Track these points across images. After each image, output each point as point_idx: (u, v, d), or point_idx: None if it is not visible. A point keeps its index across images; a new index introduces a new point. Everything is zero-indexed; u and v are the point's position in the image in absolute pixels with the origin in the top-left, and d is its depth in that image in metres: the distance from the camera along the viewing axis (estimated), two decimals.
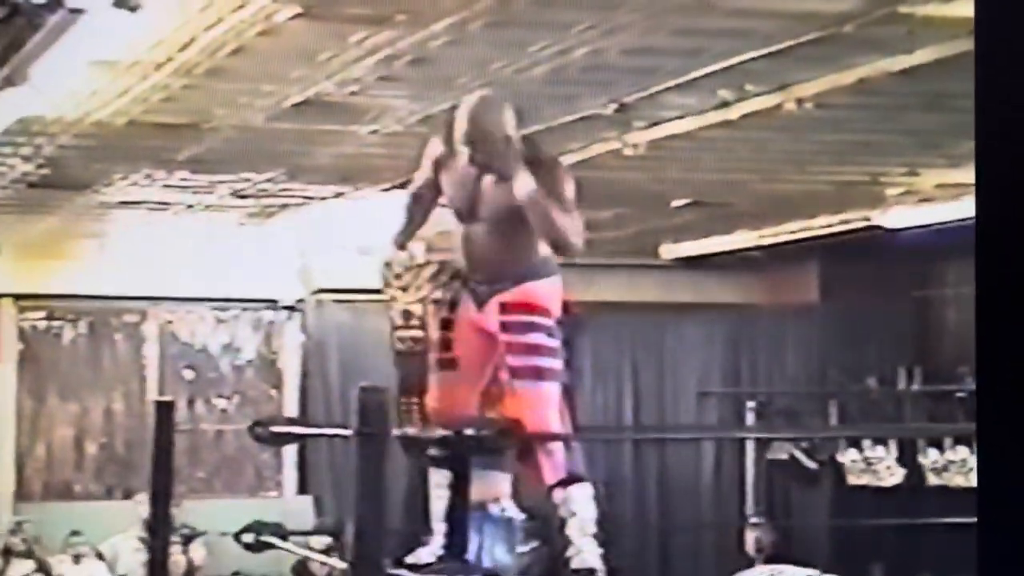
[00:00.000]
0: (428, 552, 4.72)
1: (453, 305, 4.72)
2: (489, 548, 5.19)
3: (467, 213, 4.65)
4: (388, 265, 4.97)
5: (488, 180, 4.59)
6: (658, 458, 12.03)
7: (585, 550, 4.58)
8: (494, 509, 5.31)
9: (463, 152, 4.59)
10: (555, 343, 4.61)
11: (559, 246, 4.56)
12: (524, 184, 4.49)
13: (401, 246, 4.92)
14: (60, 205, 9.36)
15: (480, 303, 4.64)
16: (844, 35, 5.40)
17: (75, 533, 10.46)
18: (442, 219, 4.88)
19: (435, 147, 4.79)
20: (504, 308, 4.59)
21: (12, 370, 11.22)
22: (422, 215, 4.90)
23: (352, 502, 4.00)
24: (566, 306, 4.70)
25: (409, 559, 4.72)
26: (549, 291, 4.63)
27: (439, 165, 4.75)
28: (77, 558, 10.32)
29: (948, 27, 5.33)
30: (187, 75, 6.05)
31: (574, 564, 4.59)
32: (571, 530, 4.59)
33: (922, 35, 5.46)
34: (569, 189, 4.58)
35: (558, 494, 4.60)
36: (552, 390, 4.59)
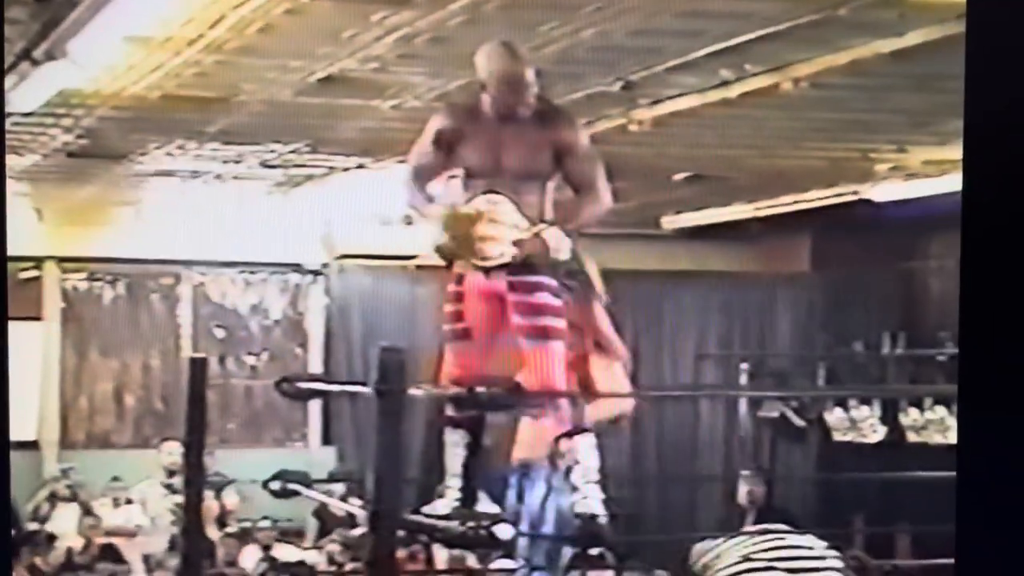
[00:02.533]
0: (444, 504, 4.68)
1: (461, 278, 4.63)
2: (547, 501, 5.13)
3: (490, 168, 4.56)
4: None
5: (509, 129, 4.51)
6: (658, 416, 12.02)
7: (589, 496, 4.56)
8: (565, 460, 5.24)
9: (486, 94, 4.51)
10: (560, 303, 4.55)
11: (591, 198, 4.50)
12: (557, 126, 4.47)
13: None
14: (98, 174, 9.32)
15: (487, 271, 4.56)
16: (839, 18, 5.34)
17: (115, 479, 10.43)
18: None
19: (443, 122, 4.69)
20: (511, 269, 4.52)
21: (56, 328, 11.21)
22: (426, 189, 4.78)
23: (372, 453, 3.97)
24: None
25: (426, 509, 4.68)
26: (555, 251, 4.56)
27: (454, 135, 4.65)
28: (116, 502, 10.30)
29: (938, 11, 5.28)
30: (217, 51, 5.99)
31: (578, 508, 4.57)
32: (576, 477, 4.57)
33: (913, 18, 5.40)
34: (590, 143, 4.60)
35: (564, 444, 4.58)
36: (558, 348, 4.54)
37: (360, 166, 9.10)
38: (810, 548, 4.95)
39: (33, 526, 9.77)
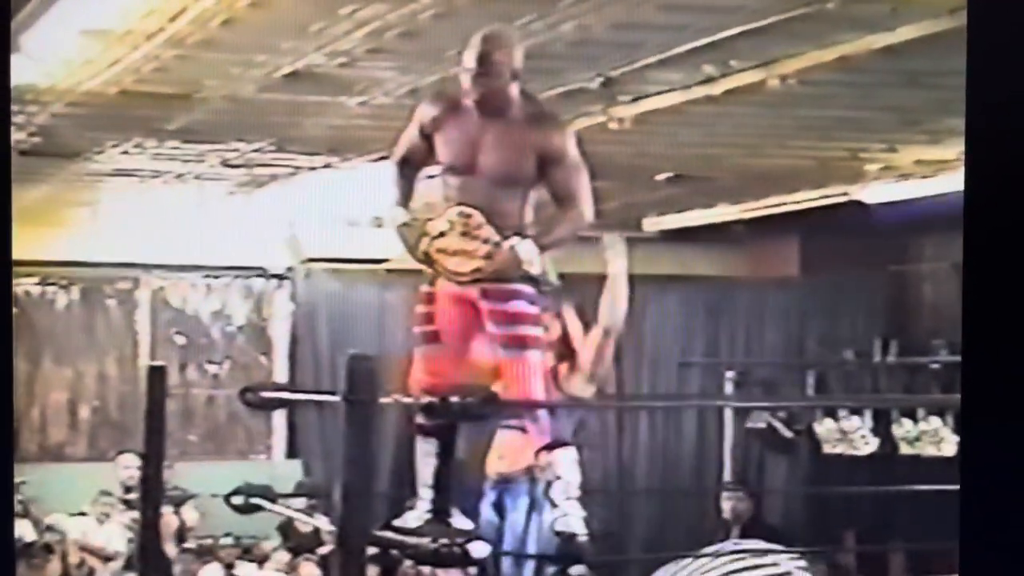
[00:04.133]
0: (414, 516, 4.70)
1: (434, 278, 4.65)
2: (531, 517, 5.15)
3: (466, 166, 4.56)
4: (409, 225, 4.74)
5: (491, 127, 4.52)
6: (640, 427, 12.04)
7: (569, 513, 4.56)
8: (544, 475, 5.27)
9: (467, 83, 4.51)
10: (537, 311, 4.56)
11: (571, 214, 4.50)
12: (541, 130, 4.45)
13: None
14: (52, 173, 9.29)
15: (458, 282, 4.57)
16: (827, 12, 5.36)
17: (105, 493, 10.27)
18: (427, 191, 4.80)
19: (426, 111, 4.72)
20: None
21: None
22: (411, 182, 4.81)
23: (340, 466, 3.98)
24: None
25: (395, 523, 4.70)
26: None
27: (435, 125, 4.67)
28: (102, 518, 10.12)
29: (929, 6, 5.31)
30: (178, 45, 5.99)
31: (558, 526, 4.57)
32: (555, 493, 4.57)
33: (904, 13, 5.43)
34: (578, 151, 4.57)
35: (543, 458, 4.58)
36: (535, 357, 4.55)
37: (327, 165, 9.11)
38: (774, 565, 4.98)
39: None
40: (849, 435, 11.12)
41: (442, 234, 4.50)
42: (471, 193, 4.51)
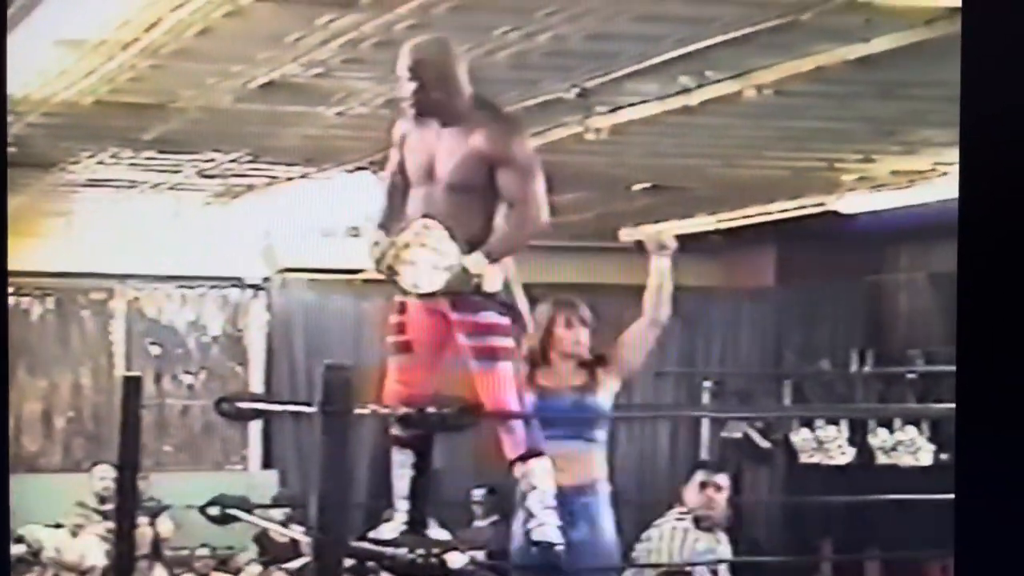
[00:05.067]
0: (391, 528, 4.70)
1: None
2: (583, 534, 5.12)
3: (425, 175, 4.57)
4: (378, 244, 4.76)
5: (444, 132, 4.52)
6: (618, 436, 12.04)
7: (545, 522, 4.57)
8: (591, 492, 5.22)
9: (407, 89, 4.52)
10: (507, 321, 4.55)
11: (523, 213, 4.48)
12: (487, 133, 4.44)
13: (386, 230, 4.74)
14: (27, 183, 9.27)
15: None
16: (802, 23, 5.39)
17: (81, 505, 10.23)
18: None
19: (399, 126, 4.73)
20: None
21: None
22: (400, 200, 4.77)
23: (316, 477, 3.98)
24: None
25: (372, 534, 4.70)
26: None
27: (403, 139, 4.69)
28: (76, 530, 10.06)
29: (904, 17, 5.34)
30: (154, 55, 5.99)
31: (535, 536, 4.57)
32: (531, 502, 4.57)
33: (879, 24, 5.45)
34: (533, 152, 4.53)
35: (518, 468, 4.58)
36: (507, 368, 4.55)
37: (303, 176, 9.10)
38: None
39: None
40: (825, 445, 11.16)
41: (406, 246, 4.50)
42: (433, 204, 4.51)
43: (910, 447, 10.58)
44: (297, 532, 7.52)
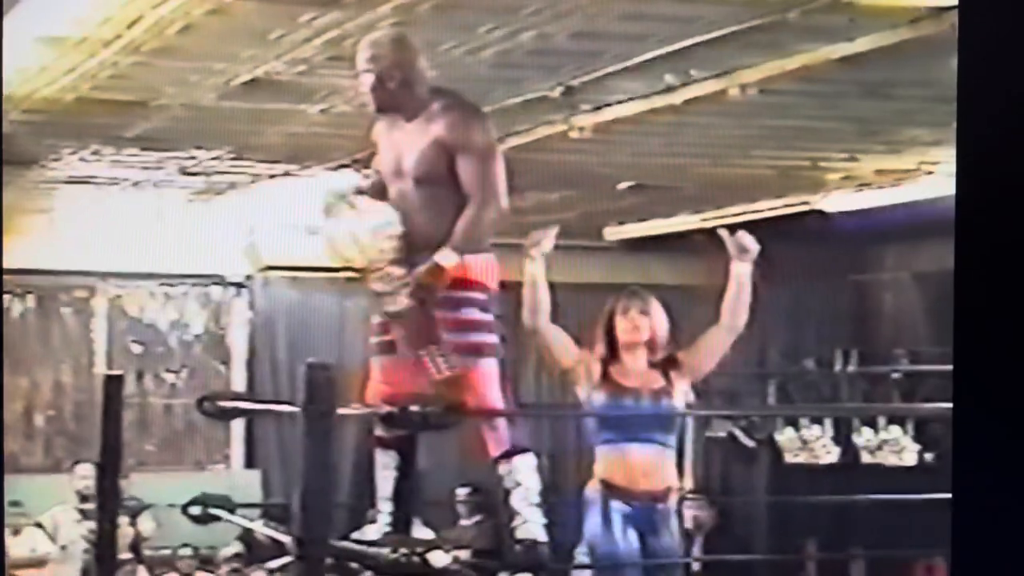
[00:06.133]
0: (374, 529, 4.70)
1: None
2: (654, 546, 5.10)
3: (395, 171, 4.59)
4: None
5: (408, 127, 4.54)
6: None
7: (530, 520, 4.57)
8: (665, 504, 5.16)
9: (366, 84, 4.53)
10: (490, 318, 4.56)
11: (482, 199, 4.47)
12: (444, 122, 4.44)
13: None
14: (8, 180, 9.24)
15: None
16: (787, 22, 5.40)
17: (14, 504, 10.27)
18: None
19: (378, 126, 4.74)
20: None
21: None
22: (381, 199, 4.78)
23: (299, 476, 3.98)
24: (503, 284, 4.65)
25: (355, 535, 4.70)
26: (481, 266, 4.56)
27: (379, 137, 4.71)
28: (16, 530, 10.10)
29: (889, 16, 5.35)
30: (136, 52, 5.98)
31: (519, 534, 4.57)
32: (516, 500, 4.57)
33: (864, 24, 5.47)
34: (493, 139, 4.54)
35: (503, 466, 4.58)
36: (491, 365, 4.56)
37: (286, 173, 9.10)
38: None
39: None
40: (810, 444, 11.18)
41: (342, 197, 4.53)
42: (405, 200, 4.53)
43: (895, 447, 10.61)
44: (280, 532, 7.52)
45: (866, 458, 10.82)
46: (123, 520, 9.46)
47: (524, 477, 4.58)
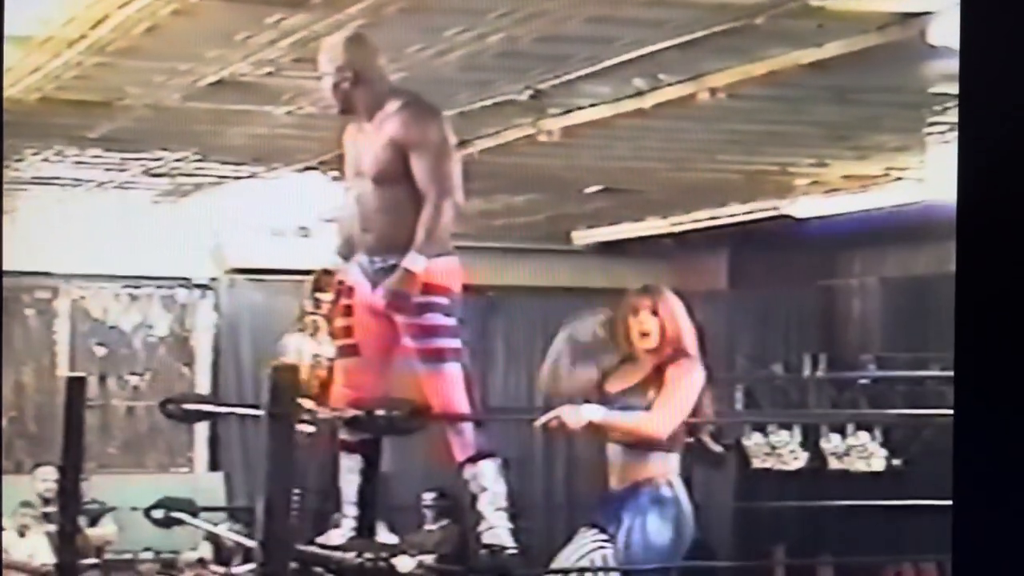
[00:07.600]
0: (339, 534, 4.69)
1: (351, 290, 4.66)
2: (649, 529, 5.09)
3: (355, 172, 4.60)
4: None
5: (367, 127, 4.55)
6: (568, 439, 12.04)
7: (496, 525, 4.56)
8: (662, 488, 5.16)
9: (326, 85, 4.55)
10: (453, 322, 4.56)
11: (438, 196, 4.46)
12: (398, 120, 4.46)
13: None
14: None
15: (374, 283, 4.57)
16: (756, 27, 5.42)
17: (25, 504, 10.14)
18: None
19: (349, 129, 4.74)
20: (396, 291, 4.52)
21: None
22: None
23: (263, 479, 3.97)
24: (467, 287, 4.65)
25: (320, 539, 4.69)
26: (444, 270, 4.55)
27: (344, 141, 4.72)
28: (23, 530, 9.97)
29: (857, 22, 5.37)
30: (100, 52, 5.96)
31: (486, 539, 4.56)
32: (482, 505, 4.57)
33: (832, 29, 5.49)
34: (447, 136, 4.54)
35: (468, 470, 4.58)
36: (455, 369, 4.55)
37: (252, 175, 9.08)
38: None
39: None
40: (778, 449, 11.21)
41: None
42: (364, 202, 4.54)
43: (862, 452, 10.65)
44: (242, 536, 7.50)
45: (834, 464, 10.86)
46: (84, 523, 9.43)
47: (490, 482, 4.57)
